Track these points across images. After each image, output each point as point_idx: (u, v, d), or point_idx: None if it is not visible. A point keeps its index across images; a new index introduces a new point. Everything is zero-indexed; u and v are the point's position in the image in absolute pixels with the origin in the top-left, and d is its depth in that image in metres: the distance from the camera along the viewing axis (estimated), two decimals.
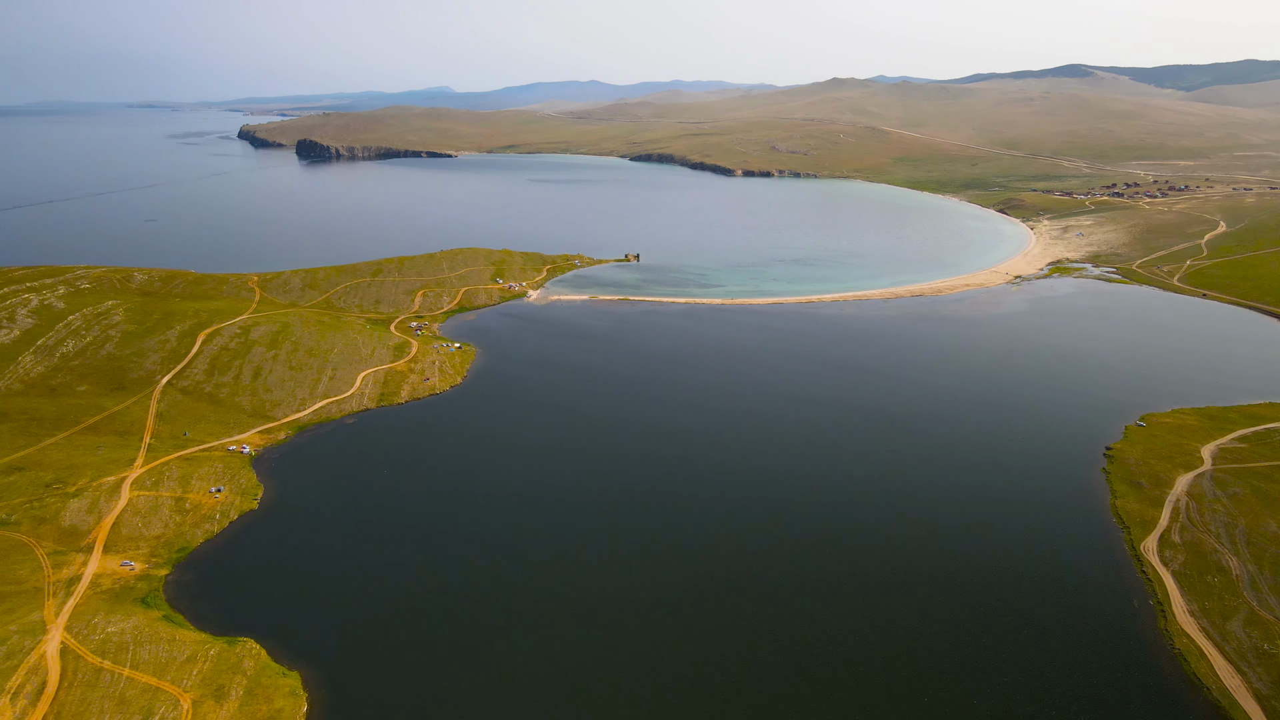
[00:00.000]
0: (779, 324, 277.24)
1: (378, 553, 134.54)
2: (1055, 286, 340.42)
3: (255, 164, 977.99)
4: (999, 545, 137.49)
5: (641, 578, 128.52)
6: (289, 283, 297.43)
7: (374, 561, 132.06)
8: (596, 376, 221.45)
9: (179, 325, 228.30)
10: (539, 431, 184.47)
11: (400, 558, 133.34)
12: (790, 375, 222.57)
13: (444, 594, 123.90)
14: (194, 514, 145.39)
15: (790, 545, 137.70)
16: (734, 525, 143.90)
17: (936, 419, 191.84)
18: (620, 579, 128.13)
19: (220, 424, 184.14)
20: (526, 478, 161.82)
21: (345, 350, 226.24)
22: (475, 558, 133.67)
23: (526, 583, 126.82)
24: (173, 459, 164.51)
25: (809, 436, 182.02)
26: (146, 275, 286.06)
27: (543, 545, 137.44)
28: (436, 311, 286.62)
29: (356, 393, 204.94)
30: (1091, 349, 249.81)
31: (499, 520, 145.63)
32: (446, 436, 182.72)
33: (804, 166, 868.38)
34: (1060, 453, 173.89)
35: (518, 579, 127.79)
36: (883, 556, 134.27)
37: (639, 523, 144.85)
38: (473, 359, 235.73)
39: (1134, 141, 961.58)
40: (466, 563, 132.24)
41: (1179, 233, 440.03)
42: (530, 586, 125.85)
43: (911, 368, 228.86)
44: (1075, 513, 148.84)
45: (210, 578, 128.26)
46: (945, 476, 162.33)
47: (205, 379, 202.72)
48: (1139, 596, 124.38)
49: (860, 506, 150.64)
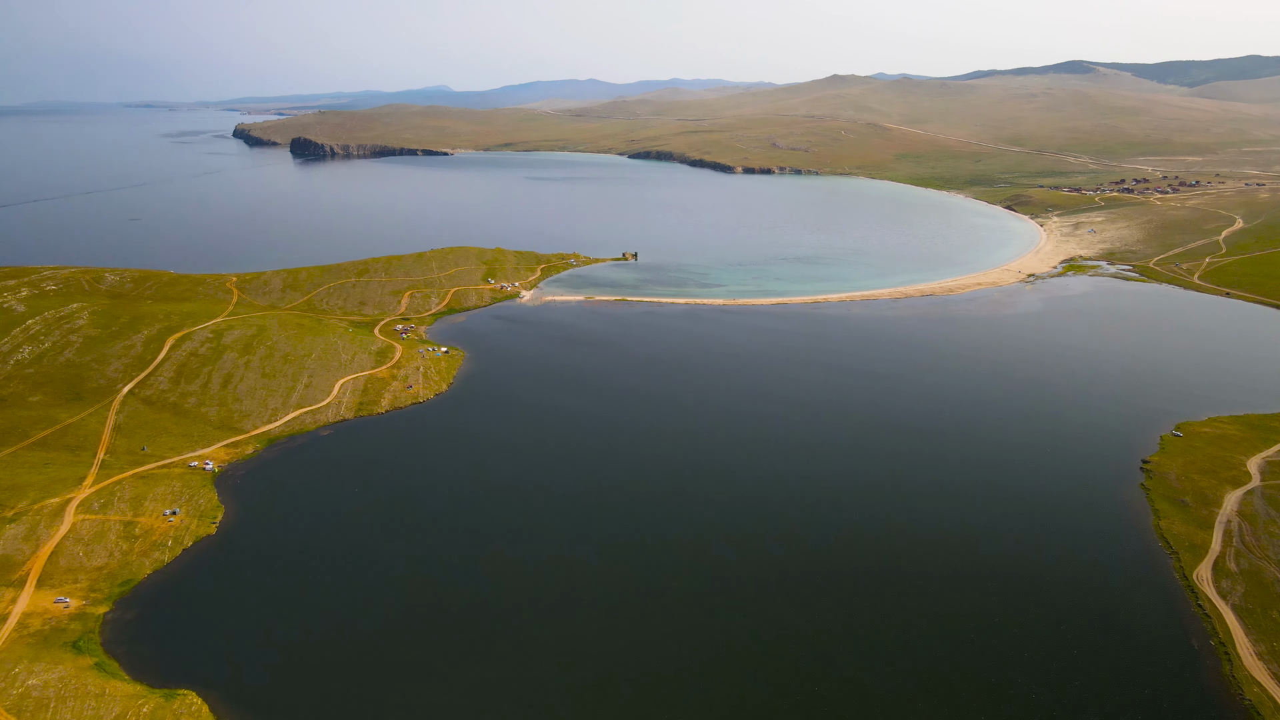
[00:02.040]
0: (785, 325, 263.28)
1: (345, 588, 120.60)
2: (1071, 285, 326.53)
3: (248, 162, 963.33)
4: (1039, 579, 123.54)
5: (651, 619, 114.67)
6: (269, 284, 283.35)
7: (341, 599, 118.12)
8: (591, 383, 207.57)
9: (147, 329, 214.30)
10: (529, 445, 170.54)
11: (371, 593, 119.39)
12: (800, 382, 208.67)
13: (420, 639, 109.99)
14: (143, 541, 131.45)
15: (809, 578, 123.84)
16: (752, 556, 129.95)
17: (957, 430, 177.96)
18: (623, 621, 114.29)
19: (183, 437, 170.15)
20: (515, 500, 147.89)
21: (323, 356, 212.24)
22: (456, 595, 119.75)
23: (516, 631, 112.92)
24: (126, 477, 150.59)
25: (823, 450, 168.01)
26: (118, 276, 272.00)
27: (533, 582, 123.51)
28: (424, 313, 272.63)
29: (333, 402, 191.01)
30: (1116, 352, 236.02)
31: (484, 551, 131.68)
32: (427, 451, 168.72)
33: (805, 163, 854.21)
34: (1094, 467, 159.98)
35: (506, 625, 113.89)
36: (911, 594, 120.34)
37: (642, 553, 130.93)
38: (460, 364, 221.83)
39: (1139, 137, 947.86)
40: (446, 602, 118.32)
41: (1195, 229, 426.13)
42: (521, 635, 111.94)
43: (927, 373, 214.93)
44: (1117, 537, 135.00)
45: (154, 616, 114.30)
46: (974, 497, 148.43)
47: (170, 388, 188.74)
48: (1197, 636, 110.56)
49: (883, 534, 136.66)
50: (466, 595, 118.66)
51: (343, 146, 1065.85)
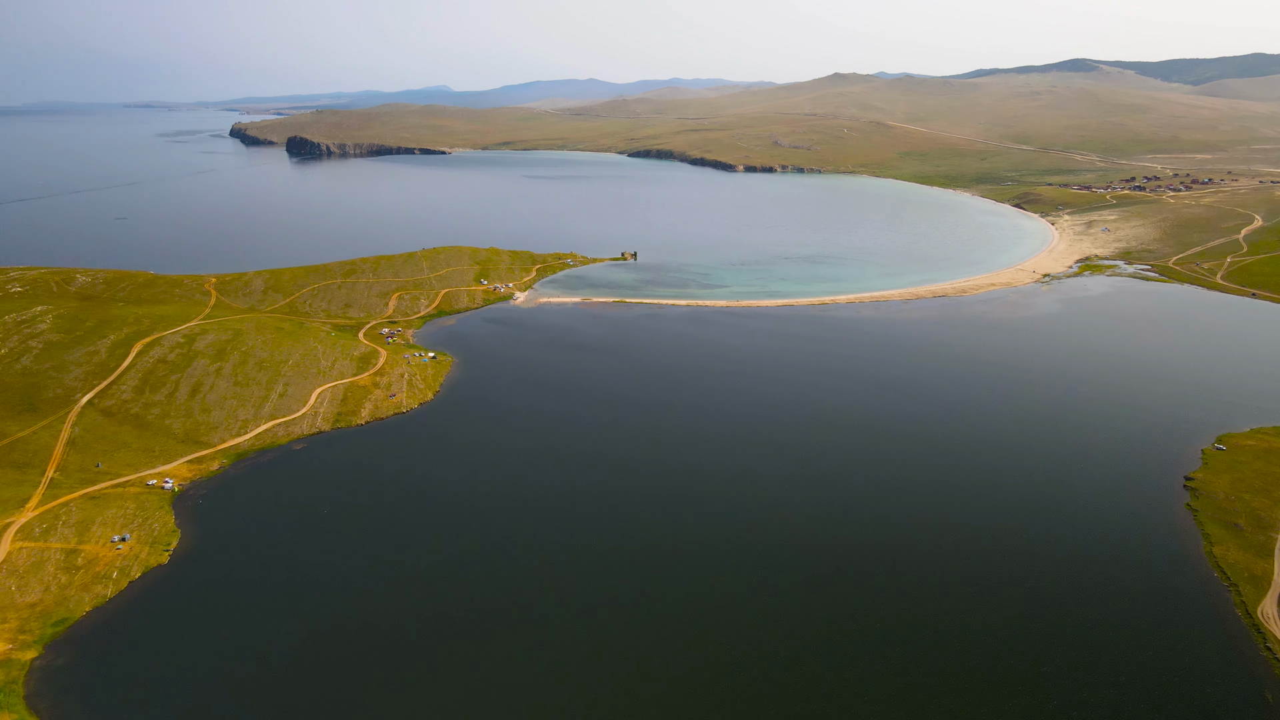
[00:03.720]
0: (792, 329, 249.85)
1: (309, 630, 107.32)
2: (1089, 286, 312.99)
3: (243, 161, 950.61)
4: (1087, 614, 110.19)
5: (656, 659, 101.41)
6: (250, 285, 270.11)
7: (303, 642, 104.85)
8: (587, 391, 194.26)
9: (114, 334, 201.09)
10: (519, 460, 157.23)
11: (338, 635, 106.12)
12: (813, 391, 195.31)
13: (396, 690, 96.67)
14: (86, 572, 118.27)
15: (834, 605, 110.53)
16: (769, 584, 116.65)
17: (984, 444, 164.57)
18: (624, 660, 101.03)
19: (143, 452, 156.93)
20: (504, 522, 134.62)
21: (301, 362, 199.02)
22: (437, 635, 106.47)
23: (504, 676, 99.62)
24: (76, 498, 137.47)
25: (843, 471, 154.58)
26: (90, 277, 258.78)
27: (523, 619, 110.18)
28: (412, 316, 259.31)
29: (309, 412, 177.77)
30: (1144, 357, 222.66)
31: (468, 583, 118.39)
32: (409, 467, 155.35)
33: (807, 161, 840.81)
34: (1134, 487, 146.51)
35: (492, 671, 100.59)
36: (949, 643, 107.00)
37: (647, 583, 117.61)
38: (447, 370, 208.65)
39: (1147, 135, 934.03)
40: (426, 644, 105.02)
41: (1212, 227, 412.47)
42: (509, 682, 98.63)
43: (946, 381, 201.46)
44: (1168, 568, 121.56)
45: (87, 663, 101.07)
46: (1005, 525, 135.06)
47: (133, 397, 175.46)
48: (1271, 687, 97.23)
49: (914, 562, 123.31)
50: (449, 636, 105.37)
51: (339, 145, 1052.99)
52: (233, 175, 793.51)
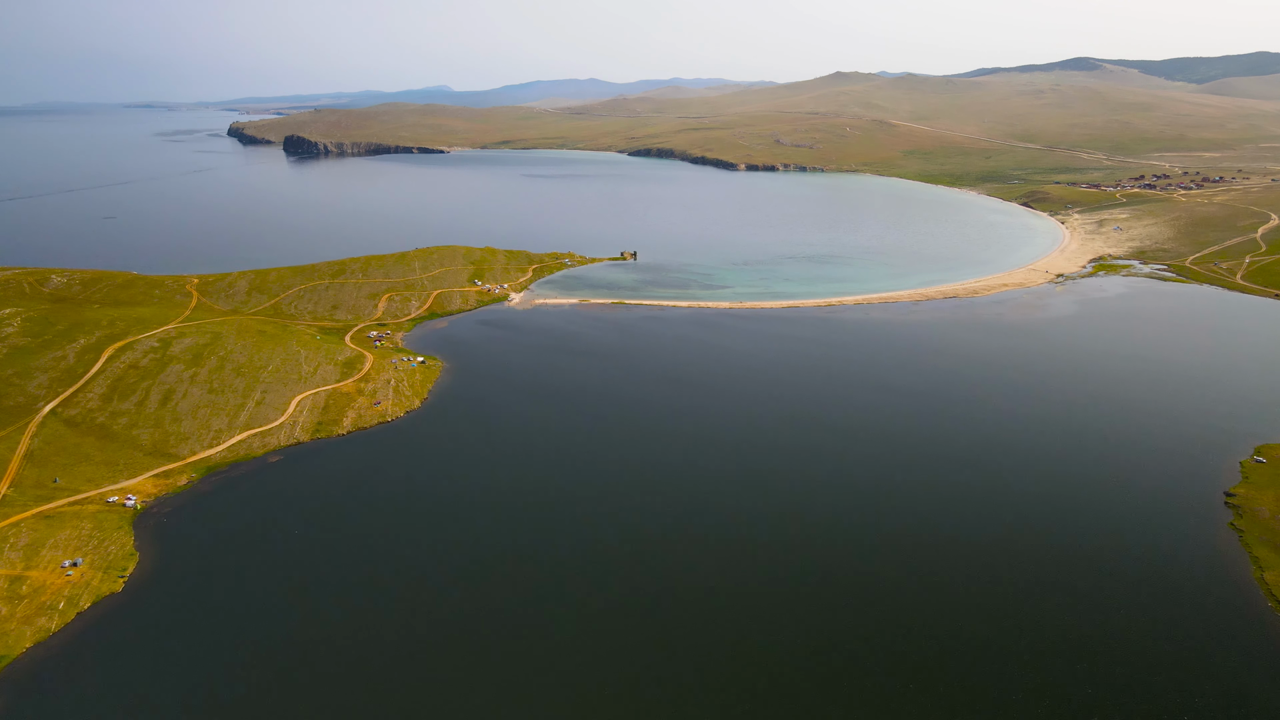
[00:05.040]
0: (799, 331, 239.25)
1: (271, 666, 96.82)
2: (1104, 286, 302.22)
3: (239, 160, 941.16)
4: (1136, 655, 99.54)
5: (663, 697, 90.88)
6: (234, 286, 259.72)
7: (268, 682, 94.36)
8: (583, 398, 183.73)
9: (84, 338, 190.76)
10: (510, 473, 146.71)
11: (308, 672, 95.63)
12: (825, 399, 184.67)
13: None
14: (30, 602, 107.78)
15: (870, 628, 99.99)
16: (787, 612, 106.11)
17: (1008, 455, 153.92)
18: (627, 699, 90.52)
19: (106, 465, 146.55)
20: (493, 543, 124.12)
21: (282, 367, 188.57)
22: (417, 674, 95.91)
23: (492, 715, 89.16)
24: (28, 517, 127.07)
25: (862, 483, 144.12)
26: (65, 278, 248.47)
27: (513, 655, 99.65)
28: (402, 318, 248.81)
29: (287, 421, 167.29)
30: (1168, 361, 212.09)
31: (454, 614, 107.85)
32: (391, 482, 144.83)
33: (810, 160, 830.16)
34: (1172, 504, 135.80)
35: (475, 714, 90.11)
36: (982, 675, 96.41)
37: (651, 615, 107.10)
38: (437, 375, 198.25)
39: (1153, 133, 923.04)
40: (405, 683, 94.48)
41: (1228, 226, 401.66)
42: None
43: (964, 387, 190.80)
44: (1215, 597, 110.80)
45: (21, 709, 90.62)
46: (1039, 539, 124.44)
47: (100, 406, 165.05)
48: None
49: (940, 585, 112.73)
50: (433, 678, 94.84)
51: (336, 144, 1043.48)
52: (227, 174, 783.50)
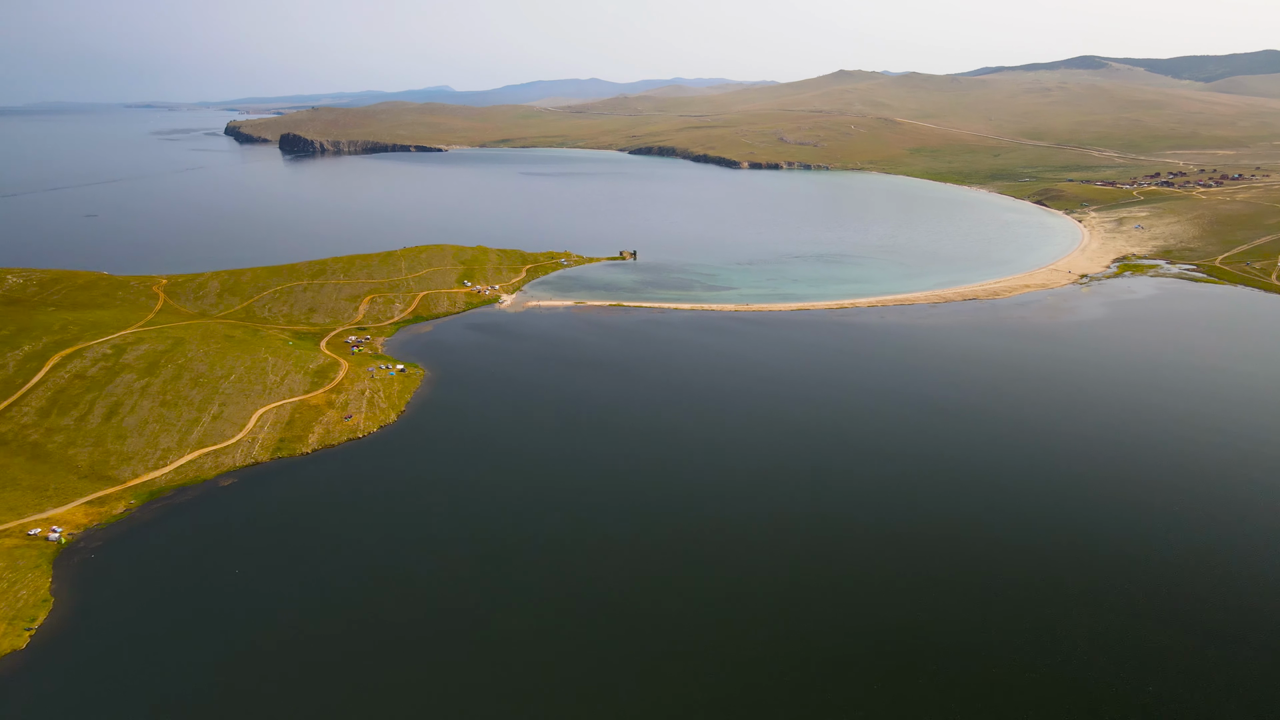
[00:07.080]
0: (812, 337, 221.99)
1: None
2: (1133, 287, 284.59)
3: (234, 159, 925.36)
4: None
5: None
6: (205, 287, 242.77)
7: None
8: (578, 411, 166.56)
9: (29, 344, 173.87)
10: (491, 499, 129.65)
11: None
12: (846, 414, 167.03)
13: None
14: None
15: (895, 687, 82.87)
16: (810, 670, 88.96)
17: (1063, 487, 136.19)
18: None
19: (33, 490, 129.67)
20: (470, 583, 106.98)
21: (245, 377, 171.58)
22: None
23: None
24: None
25: (903, 511, 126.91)
26: (21, 278, 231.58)
27: (496, 707, 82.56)
28: (384, 322, 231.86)
29: (246, 438, 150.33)
30: (1219, 369, 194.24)
31: (420, 669, 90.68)
32: (355, 511, 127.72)
33: (814, 158, 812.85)
34: (1266, 544, 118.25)
35: None
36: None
37: (658, 661, 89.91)
38: (417, 385, 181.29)
39: (1164, 131, 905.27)
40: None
41: (1254, 224, 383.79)
42: None
43: (999, 403, 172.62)
44: None
45: None
46: (1116, 592, 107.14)
47: (35, 421, 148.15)
48: None
49: (1009, 650, 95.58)
50: None
51: (333, 143, 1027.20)
52: (220, 172, 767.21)
